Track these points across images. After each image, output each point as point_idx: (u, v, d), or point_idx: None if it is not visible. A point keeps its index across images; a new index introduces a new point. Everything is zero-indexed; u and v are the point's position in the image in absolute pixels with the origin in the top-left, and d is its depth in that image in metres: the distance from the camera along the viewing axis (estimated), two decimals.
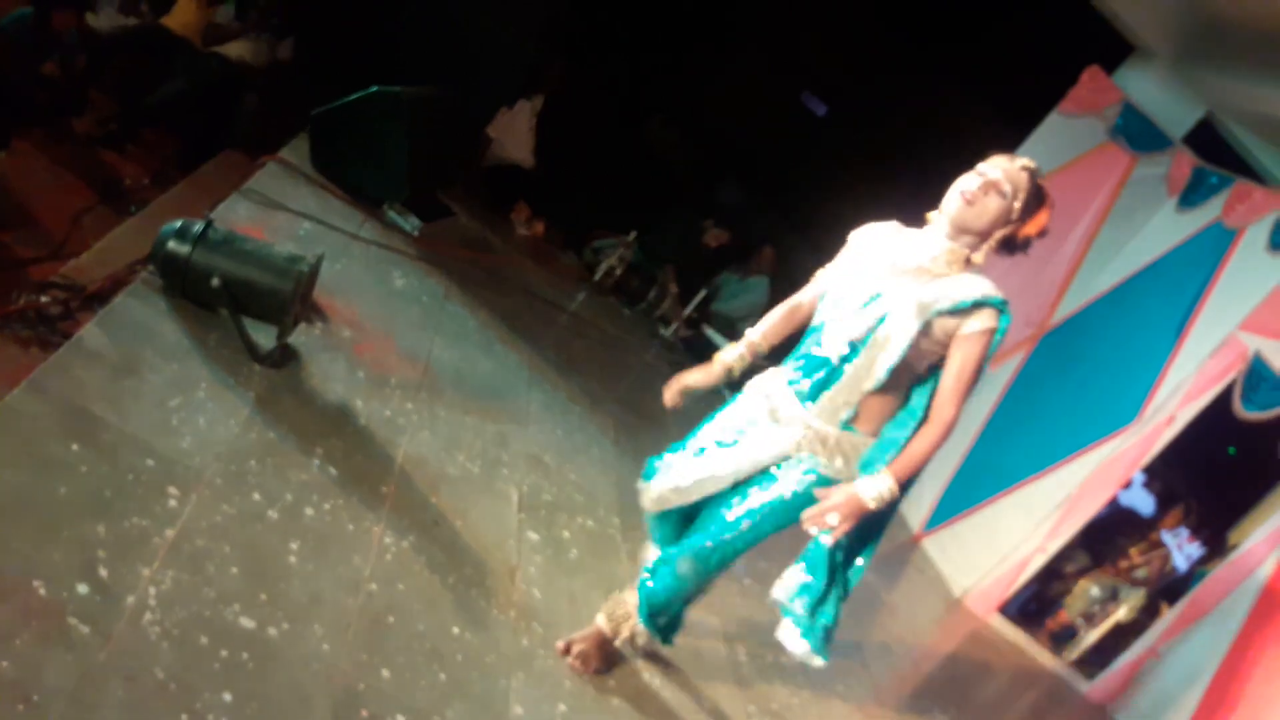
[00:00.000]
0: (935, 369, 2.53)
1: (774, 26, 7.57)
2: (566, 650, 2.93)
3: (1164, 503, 6.28)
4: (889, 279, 2.54)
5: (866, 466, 2.56)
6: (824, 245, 2.69)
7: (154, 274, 3.24)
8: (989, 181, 2.46)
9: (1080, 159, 6.19)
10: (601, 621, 2.94)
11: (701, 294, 6.50)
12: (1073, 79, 6.14)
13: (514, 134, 6.73)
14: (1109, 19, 5.81)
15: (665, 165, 7.48)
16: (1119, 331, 5.98)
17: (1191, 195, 5.91)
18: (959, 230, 2.49)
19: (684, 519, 2.93)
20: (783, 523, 2.69)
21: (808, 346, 2.66)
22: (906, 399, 2.60)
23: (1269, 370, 5.11)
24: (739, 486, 2.73)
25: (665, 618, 2.90)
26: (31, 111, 4.20)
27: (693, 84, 7.66)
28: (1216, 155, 5.94)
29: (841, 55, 7.69)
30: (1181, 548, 6.18)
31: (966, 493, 6.20)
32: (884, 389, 2.54)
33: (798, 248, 6.90)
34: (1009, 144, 6.30)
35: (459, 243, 5.44)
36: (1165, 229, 5.97)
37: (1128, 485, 5.95)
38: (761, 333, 2.88)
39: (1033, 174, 2.52)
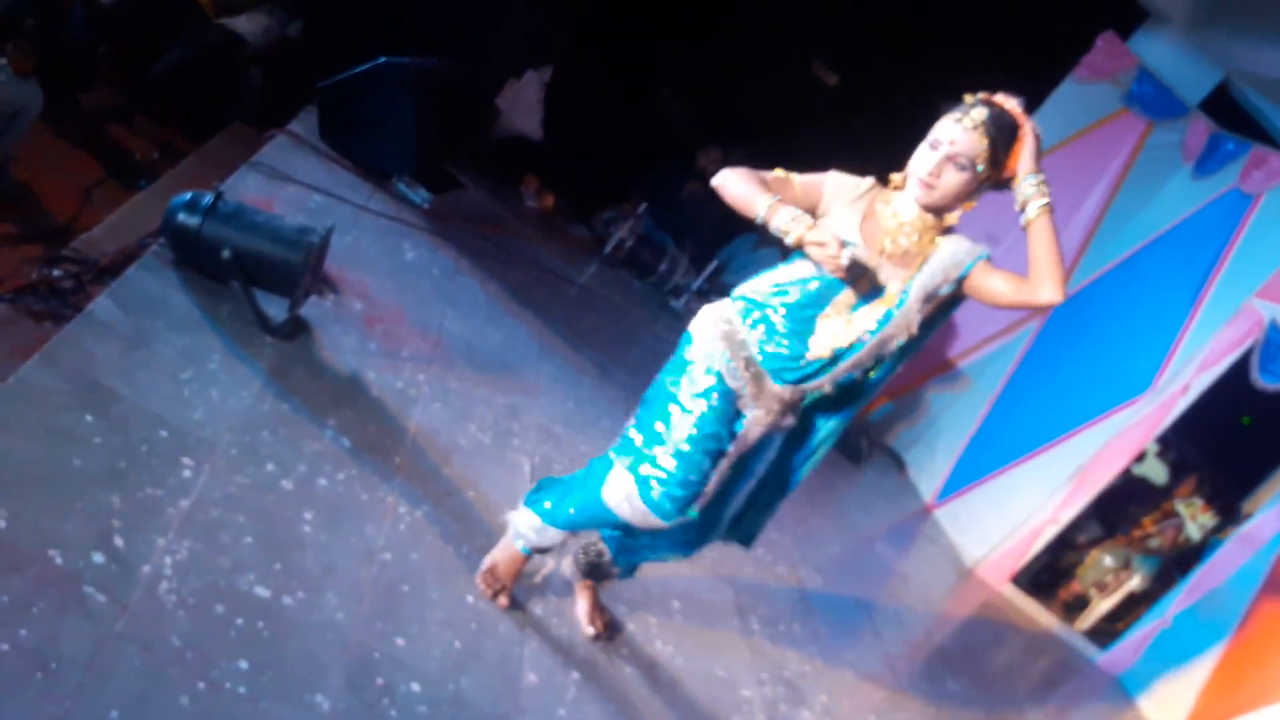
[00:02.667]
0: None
1: None
2: (591, 624, 2.94)
3: (1178, 472, 6.26)
4: (881, 270, 2.42)
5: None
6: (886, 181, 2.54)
7: (165, 247, 3.24)
8: (941, 161, 2.32)
9: (1095, 126, 6.13)
10: (587, 584, 2.96)
11: (713, 265, 6.47)
12: (1087, 45, 6.06)
13: (522, 106, 6.69)
14: None
15: (674, 136, 7.43)
16: (1133, 300, 5.94)
17: (1208, 161, 5.86)
18: (929, 207, 2.39)
19: None
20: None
21: (788, 337, 2.48)
22: None
23: None
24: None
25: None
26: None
27: (702, 53, 7.59)
28: (1233, 121, 5.87)
29: (853, 24, 7.61)
30: (1195, 518, 6.16)
31: (979, 463, 6.19)
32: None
33: None
34: (1024, 111, 6.23)
35: (469, 215, 5.42)
36: (1181, 196, 5.92)
37: (1141, 456, 5.93)
38: (766, 193, 2.39)
39: (991, 121, 2.31)
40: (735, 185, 2.40)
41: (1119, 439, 5.64)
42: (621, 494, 2.55)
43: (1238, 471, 5.89)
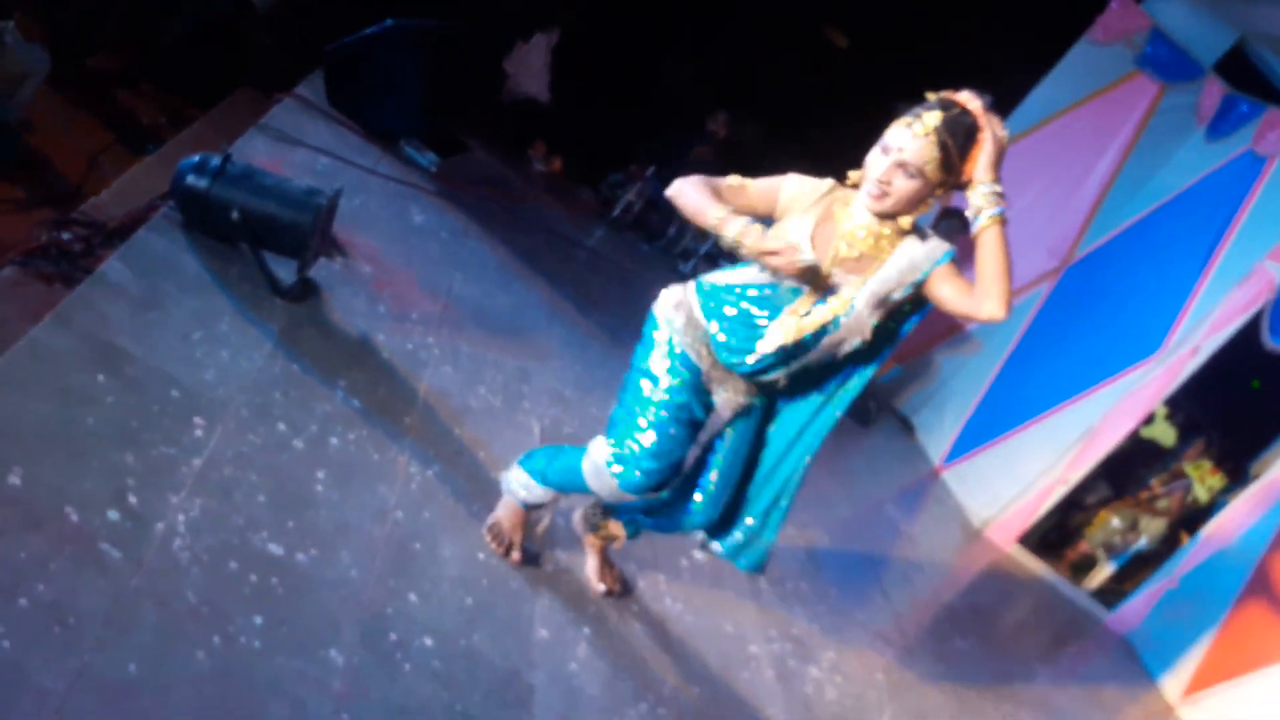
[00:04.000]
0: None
1: None
2: (609, 593, 2.98)
3: (1187, 434, 6.27)
4: (833, 275, 2.41)
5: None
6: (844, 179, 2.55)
7: (174, 209, 3.25)
8: (891, 168, 2.27)
9: (1108, 89, 6.09)
10: (595, 542, 2.98)
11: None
12: (1101, 6, 6.01)
13: (530, 69, 6.65)
14: None
15: (682, 99, 7.39)
16: (1145, 263, 5.93)
17: (1221, 124, 5.82)
18: (880, 214, 2.35)
19: None
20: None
21: (740, 334, 2.50)
22: None
23: None
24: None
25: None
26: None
27: (711, 15, 7.52)
28: (1248, 83, 5.81)
29: None
30: (1204, 480, 6.18)
31: (988, 425, 6.21)
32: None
33: None
34: (1035, 74, 6.20)
35: (476, 179, 5.41)
36: (1194, 159, 5.89)
37: (1150, 418, 5.94)
38: (721, 205, 2.40)
39: (946, 127, 2.24)
40: (688, 197, 2.43)
41: (1128, 400, 5.64)
42: (593, 465, 2.62)
43: (1247, 433, 5.90)
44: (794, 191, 2.45)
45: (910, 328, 2.54)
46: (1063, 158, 6.18)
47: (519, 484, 2.82)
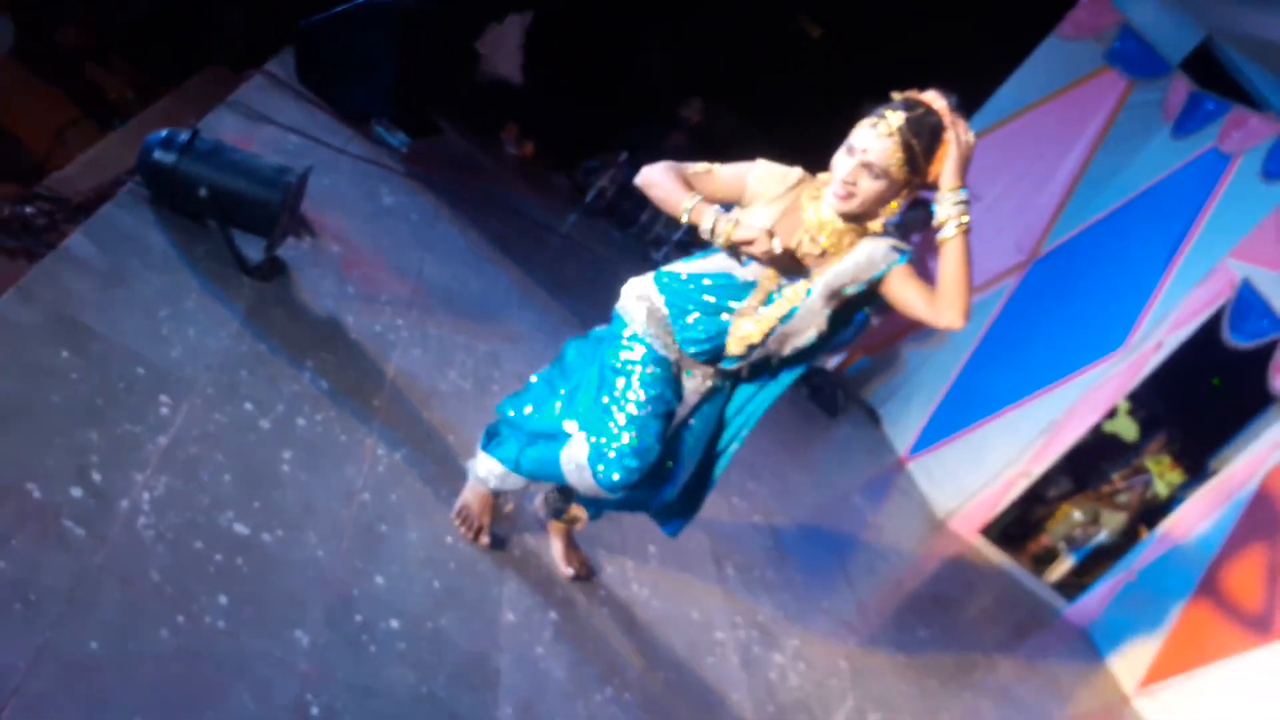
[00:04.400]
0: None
1: None
2: (577, 576, 2.98)
3: (1148, 429, 6.36)
4: (792, 268, 2.43)
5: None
6: (818, 169, 2.56)
7: (140, 185, 3.20)
8: (856, 169, 2.28)
9: (1077, 84, 6.13)
10: (559, 528, 3.00)
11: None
12: (1071, 1, 6.05)
13: (503, 51, 6.61)
14: None
15: (657, 85, 7.37)
16: (1110, 259, 5.98)
17: (1188, 121, 5.88)
18: (846, 215, 2.37)
19: None
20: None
21: (703, 324, 2.51)
22: None
23: (1258, 299, 5.13)
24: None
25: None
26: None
27: (685, 2, 7.50)
28: (1214, 81, 5.88)
29: None
30: (1163, 475, 6.27)
31: (953, 417, 6.25)
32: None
33: None
34: (1006, 68, 6.24)
35: (448, 161, 5.37)
36: (1160, 155, 5.95)
37: (1113, 412, 6.02)
38: (689, 193, 2.41)
39: (910, 127, 2.24)
40: (657, 185, 2.43)
41: (1091, 395, 5.70)
42: (574, 464, 2.61)
43: (1207, 429, 5.99)
44: (762, 179, 2.45)
45: (862, 318, 2.55)
46: (1031, 152, 6.23)
47: (489, 472, 2.81)
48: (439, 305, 3.88)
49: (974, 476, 5.94)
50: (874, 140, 2.26)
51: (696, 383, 2.64)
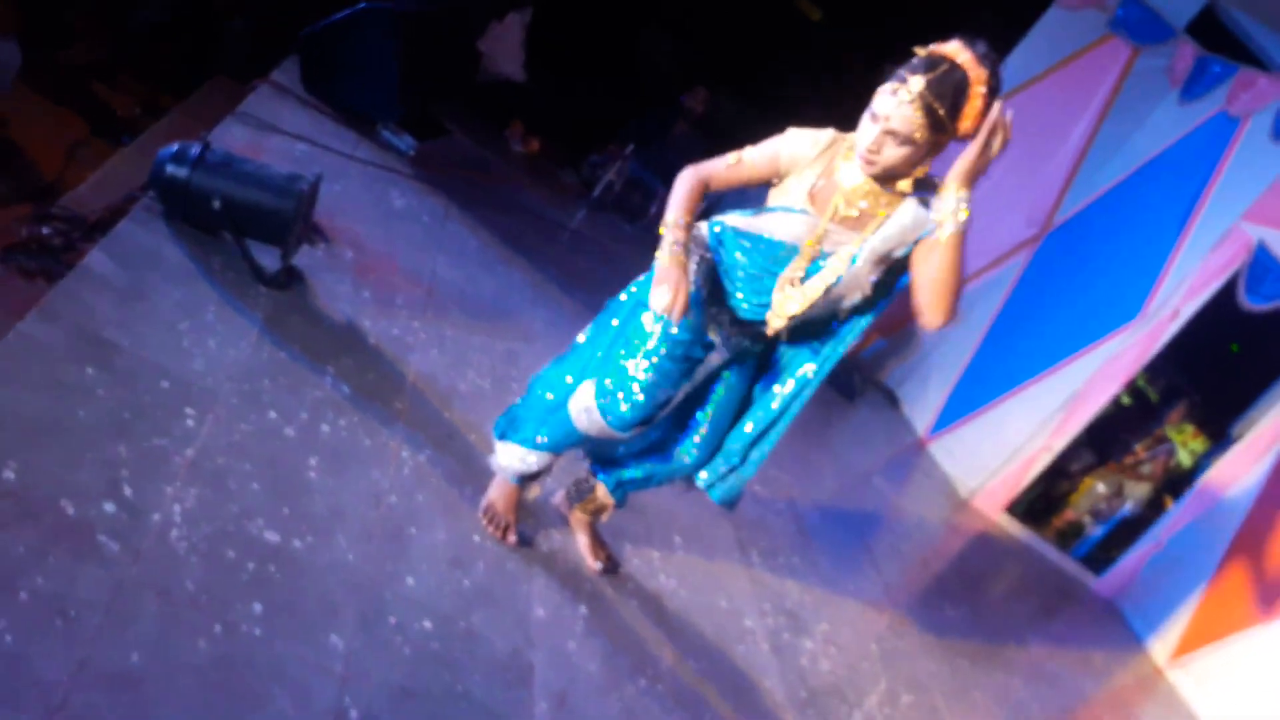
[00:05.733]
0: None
1: None
2: (605, 569, 2.99)
3: (1169, 398, 6.32)
4: (831, 233, 2.38)
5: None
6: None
7: (154, 200, 3.22)
8: (880, 136, 2.23)
9: (1081, 53, 6.09)
10: (580, 517, 3.00)
11: (702, 206, 6.45)
12: None
13: (505, 48, 6.60)
14: None
15: (660, 76, 7.37)
16: (1123, 228, 5.95)
17: (1195, 86, 5.83)
18: (876, 178, 2.32)
19: None
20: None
21: (750, 284, 2.49)
22: None
23: (1273, 260, 5.10)
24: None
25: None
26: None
27: None
28: (1220, 44, 5.83)
29: None
30: (1186, 444, 6.24)
31: (972, 395, 6.23)
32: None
33: None
34: (1009, 41, 6.21)
35: (456, 162, 5.38)
36: (1169, 121, 5.90)
37: (1131, 382, 5.99)
38: (685, 210, 2.45)
39: (931, 89, 2.16)
40: (673, 193, 2.45)
41: (1110, 366, 5.68)
42: (581, 406, 2.61)
43: (1228, 396, 5.95)
44: (794, 150, 2.41)
45: (906, 281, 2.47)
46: (1039, 124, 6.19)
47: (510, 459, 2.80)
48: (454, 306, 3.89)
49: (995, 454, 5.92)
50: (895, 107, 2.19)
51: (729, 337, 2.60)
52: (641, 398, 2.52)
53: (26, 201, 3.62)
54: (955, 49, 2.20)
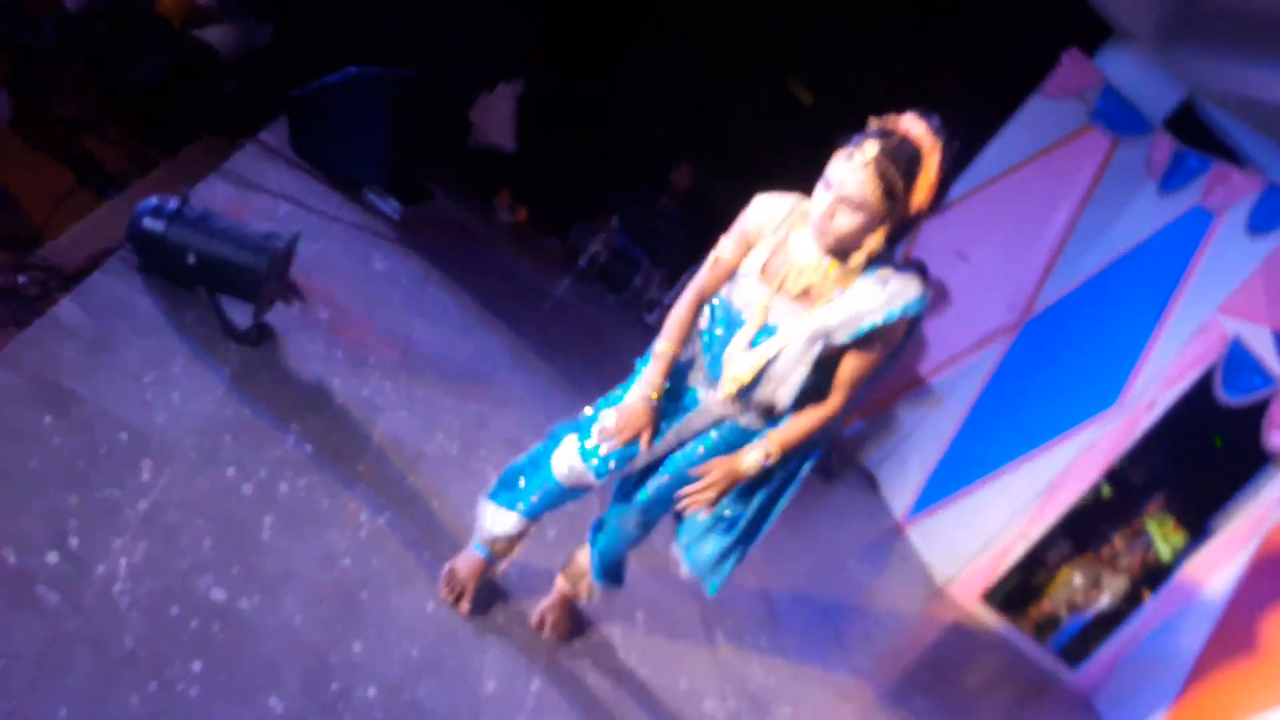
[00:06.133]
0: None
1: (753, 11, 7.57)
2: (540, 624, 2.94)
3: (1147, 489, 6.31)
4: (779, 305, 2.37)
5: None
6: None
7: (131, 252, 3.23)
8: (834, 203, 2.21)
9: (1062, 142, 6.22)
10: (561, 584, 2.97)
11: (685, 278, 6.50)
12: (1054, 62, 6.16)
13: (495, 118, 6.71)
14: (1089, 1, 5.83)
15: (648, 150, 7.48)
16: (1101, 317, 6.00)
17: (1172, 178, 5.94)
18: (828, 250, 2.30)
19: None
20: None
21: (715, 344, 2.52)
22: None
23: (1248, 355, 5.14)
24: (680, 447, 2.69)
25: (614, 568, 2.95)
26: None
27: (676, 69, 7.64)
28: (1197, 138, 5.96)
29: (824, 42, 7.69)
30: (1166, 537, 6.20)
31: (950, 479, 6.22)
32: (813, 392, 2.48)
33: None
34: (990, 127, 6.33)
35: (440, 227, 5.43)
36: (1147, 212, 6.00)
37: (1109, 472, 5.98)
38: (673, 340, 2.54)
39: (885, 156, 2.15)
40: (670, 314, 2.56)
41: (1087, 455, 5.68)
42: (564, 458, 2.66)
43: (1207, 489, 5.94)
44: (758, 219, 2.41)
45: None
46: (1019, 212, 6.29)
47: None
48: (427, 368, 3.88)
49: (972, 540, 5.89)
50: (850, 173, 2.17)
51: (704, 400, 2.58)
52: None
53: (8, 250, 3.62)
54: (909, 121, 2.19)
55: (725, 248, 2.47)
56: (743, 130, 7.61)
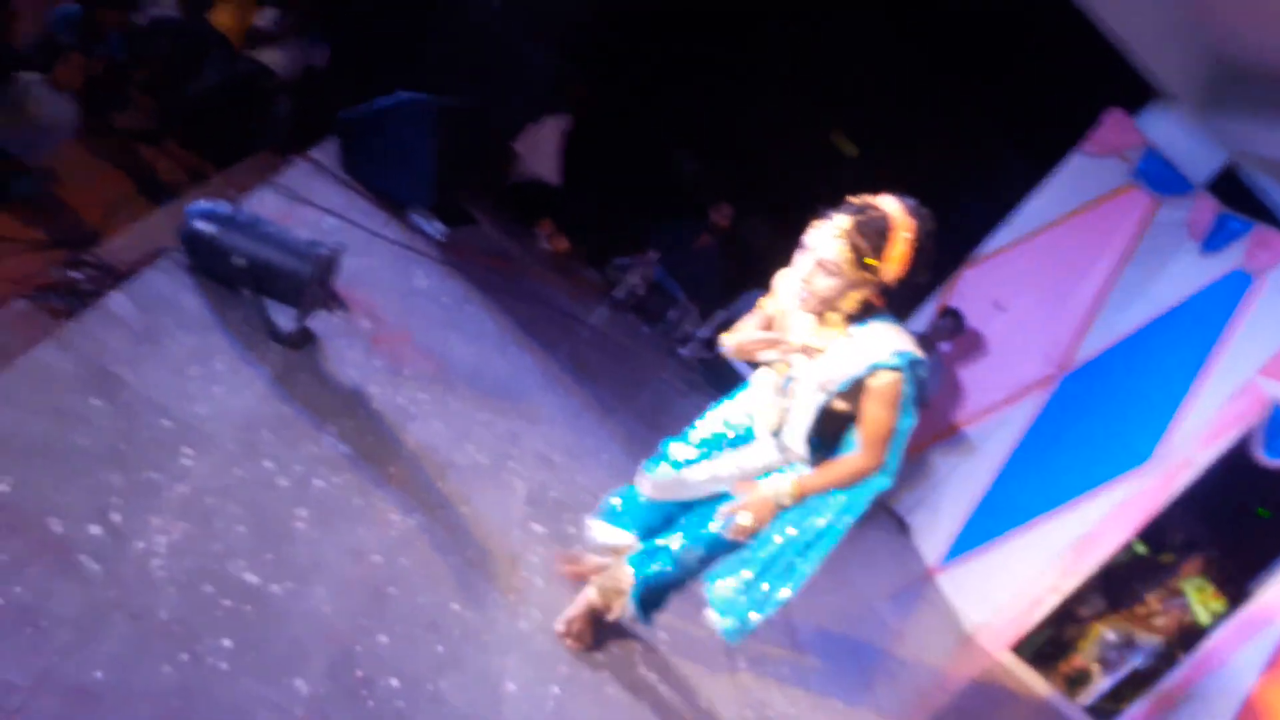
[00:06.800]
0: None
1: (802, 63, 7.69)
2: (566, 631, 2.96)
3: (1184, 550, 6.22)
4: (798, 358, 2.65)
5: None
6: None
7: (181, 252, 3.34)
8: (812, 267, 2.47)
9: (1102, 200, 6.23)
10: (593, 595, 3.00)
11: (721, 316, 6.54)
12: (1094, 119, 6.20)
13: (541, 151, 6.83)
14: (1133, 63, 5.88)
15: (689, 189, 7.58)
16: (1138, 374, 5.97)
17: (1214, 240, 5.93)
18: (807, 309, 2.57)
19: (667, 511, 3.00)
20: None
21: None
22: None
23: None
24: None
25: (654, 599, 2.99)
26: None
27: (721, 111, 7.77)
28: (1239, 201, 5.95)
29: (869, 94, 7.79)
30: (1205, 602, 6.10)
31: (983, 529, 6.18)
32: (824, 439, 2.70)
33: None
34: (1031, 182, 6.36)
35: (482, 250, 5.53)
36: (1187, 273, 5.98)
37: (1143, 530, 5.91)
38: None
39: (856, 228, 2.41)
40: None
41: (1120, 511, 5.62)
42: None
43: (1247, 552, 5.85)
44: (777, 291, 2.73)
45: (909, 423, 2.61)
46: (1058, 266, 6.30)
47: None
48: (462, 382, 3.95)
49: (1003, 591, 5.83)
50: (823, 240, 2.45)
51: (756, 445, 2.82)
52: (659, 456, 2.99)
53: (66, 248, 3.75)
54: (885, 199, 2.47)
55: (764, 308, 2.79)
56: (785, 176, 7.70)
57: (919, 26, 7.26)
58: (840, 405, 2.59)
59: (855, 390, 2.53)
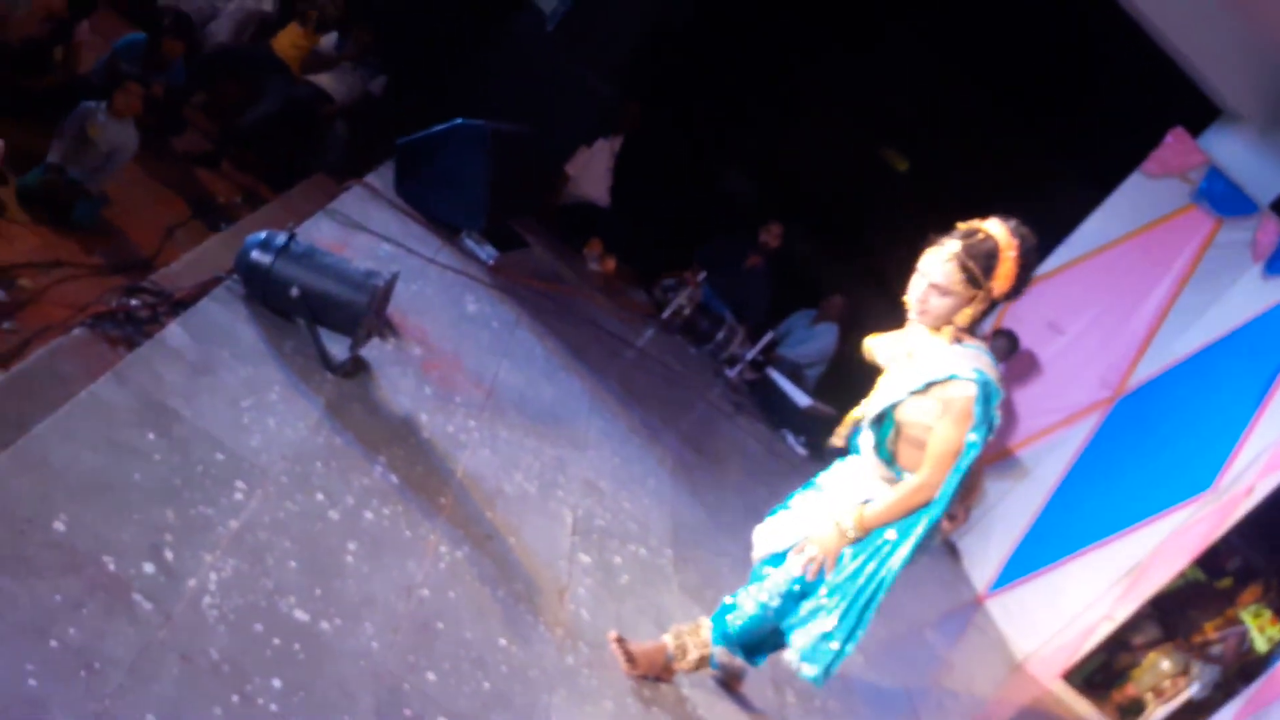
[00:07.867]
0: None
1: (855, 81, 7.65)
2: (628, 656, 3.01)
3: (1243, 578, 6.07)
4: (894, 366, 2.83)
5: None
6: (897, 296, 2.81)
7: (237, 282, 3.38)
8: (926, 289, 2.65)
9: (1162, 220, 6.12)
10: (669, 639, 3.06)
11: (769, 337, 6.51)
12: (1157, 140, 6.09)
13: (591, 173, 6.86)
14: (1196, 82, 5.77)
15: (738, 210, 7.55)
16: (1197, 398, 5.85)
17: (1277, 262, 5.80)
18: (924, 325, 2.73)
19: None
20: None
21: None
22: None
23: None
24: None
25: (748, 643, 3.07)
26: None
27: (771, 132, 7.74)
28: None
29: (925, 111, 7.71)
30: (1264, 629, 5.95)
31: (1034, 555, 6.09)
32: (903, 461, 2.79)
33: (870, 298, 6.90)
34: (1091, 202, 6.27)
35: (532, 273, 5.55)
36: (1249, 295, 5.86)
37: (1201, 558, 5.77)
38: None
39: (966, 251, 2.59)
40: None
41: (1178, 538, 5.51)
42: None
43: None
44: (876, 350, 2.95)
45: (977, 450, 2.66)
46: (1116, 287, 6.20)
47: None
48: (511, 409, 3.96)
49: (1054, 618, 5.74)
50: (937, 265, 2.64)
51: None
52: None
53: (123, 274, 3.82)
54: (991, 223, 2.65)
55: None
56: (835, 194, 7.65)
57: (978, 47, 7.19)
58: (911, 415, 2.70)
59: (928, 398, 2.65)
